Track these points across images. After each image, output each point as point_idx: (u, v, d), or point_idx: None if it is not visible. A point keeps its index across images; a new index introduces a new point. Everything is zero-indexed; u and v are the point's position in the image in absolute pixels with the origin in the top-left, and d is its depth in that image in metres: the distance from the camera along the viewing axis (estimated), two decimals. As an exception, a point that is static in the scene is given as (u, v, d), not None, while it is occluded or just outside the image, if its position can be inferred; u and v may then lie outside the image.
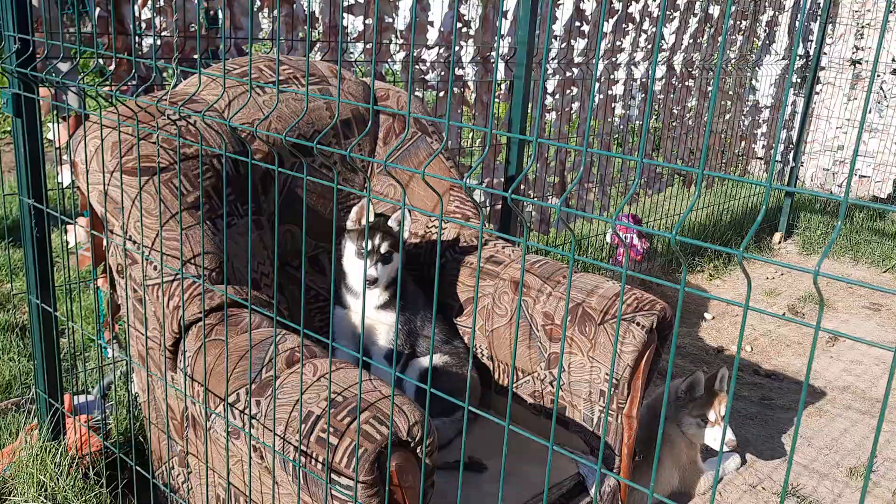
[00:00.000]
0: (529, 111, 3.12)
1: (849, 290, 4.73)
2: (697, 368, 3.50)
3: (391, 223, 2.04)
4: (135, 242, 1.81)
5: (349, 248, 2.04)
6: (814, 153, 5.78)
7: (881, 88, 5.51)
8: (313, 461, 1.44)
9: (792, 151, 5.45)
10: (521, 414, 2.25)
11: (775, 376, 3.52)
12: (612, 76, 3.94)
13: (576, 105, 3.76)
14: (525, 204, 3.70)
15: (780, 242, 5.51)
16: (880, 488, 2.67)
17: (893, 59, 5.54)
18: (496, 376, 2.28)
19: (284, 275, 2.20)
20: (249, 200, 1.33)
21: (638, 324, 2.00)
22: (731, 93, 4.91)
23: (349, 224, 2.07)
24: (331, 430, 1.43)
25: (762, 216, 0.84)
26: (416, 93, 2.99)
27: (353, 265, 2.04)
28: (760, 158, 5.49)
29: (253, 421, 1.56)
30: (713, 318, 4.15)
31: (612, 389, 2.04)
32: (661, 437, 0.98)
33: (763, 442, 2.90)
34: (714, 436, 2.42)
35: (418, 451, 1.48)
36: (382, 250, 2.00)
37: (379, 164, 2.37)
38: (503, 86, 3.35)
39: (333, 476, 1.42)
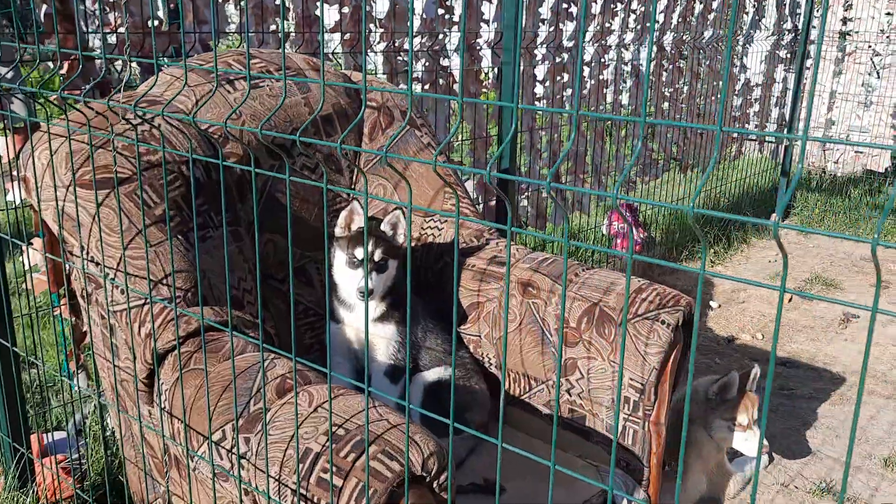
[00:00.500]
0: (520, 100, 2.93)
1: (855, 268, 4.58)
2: (710, 362, 3.33)
3: (384, 227, 1.85)
4: (97, 264, 1.60)
5: (339, 257, 1.85)
6: (808, 130, 5.64)
7: (872, 60, 5.38)
8: (315, 506, 1.25)
9: (785, 129, 5.30)
10: (535, 425, 2.06)
11: (791, 363, 3.35)
12: (602, 60, 3.76)
13: (568, 92, 3.58)
14: (518, 199, 3.52)
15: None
16: (918, 479, 2.51)
17: (882, 31, 5.41)
18: (507, 386, 2.09)
19: (269, 289, 1.99)
20: (223, 209, 1.13)
21: (663, 322, 1.81)
22: (721, 72, 4.74)
23: (337, 231, 1.87)
24: (333, 469, 1.23)
25: (798, 175, 0.68)
26: (401, 85, 2.80)
27: (345, 276, 1.85)
28: (753, 139, 5.34)
29: (242, 461, 1.36)
30: (719, 305, 3.99)
31: (638, 395, 1.85)
32: (684, 439, 0.79)
33: (789, 436, 2.74)
34: (745, 439, 2.23)
35: (435, 486, 1.29)
36: (376, 258, 1.81)
37: (367, 163, 2.18)
38: (490, 74, 3.17)
39: (339, 523, 1.22)
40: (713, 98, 4.80)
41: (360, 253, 1.81)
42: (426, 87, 2.87)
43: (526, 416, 2.07)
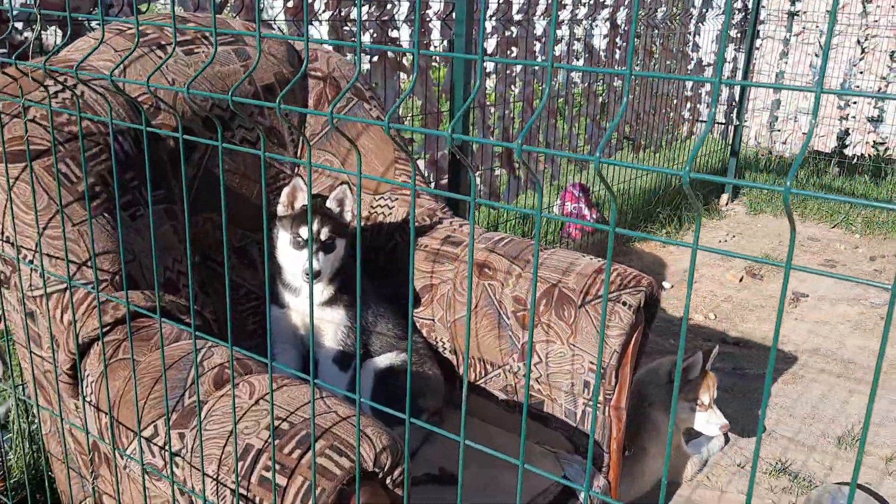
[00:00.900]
0: (473, 74, 2.83)
1: (803, 247, 4.62)
2: (664, 343, 3.30)
3: (330, 204, 1.73)
4: (13, 244, 1.45)
5: (283, 237, 1.72)
6: (756, 111, 5.67)
7: (819, 41, 5.42)
8: (256, 508, 1.14)
9: (735, 110, 5.31)
10: (492, 411, 1.98)
11: (744, 343, 3.35)
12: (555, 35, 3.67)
13: (518, 68, 3.49)
14: (470, 175, 3.42)
15: (727, 204, 5.39)
16: (871, 457, 2.51)
17: (828, 12, 5.44)
18: (462, 371, 2.00)
19: (208, 271, 1.86)
20: (149, 182, 1.00)
21: (624, 303, 1.74)
22: (674, 51, 4.71)
23: (280, 209, 1.74)
24: (277, 467, 1.12)
25: (809, 137, 0.60)
26: (347, 56, 2.67)
27: (289, 257, 1.73)
28: (704, 121, 5.34)
29: (177, 459, 1.25)
30: (672, 286, 3.97)
31: (599, 379, 1.78)
32: (672, 424, 0.72)
33: (744, 416, 2.72)
34: (705, 420, 2.21)
35: (388, 482, 1.19)
36: (322, 237, 1.69)
37: (312, 136, 2.05)
38: (441, 46, 3.05)
39: (284, 526, 1.12)
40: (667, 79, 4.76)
41: (304, 232, 1.69)
42: (374, 59, 2.74)
43: (482, 401, 1.99)
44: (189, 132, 1.76)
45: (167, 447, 1.24)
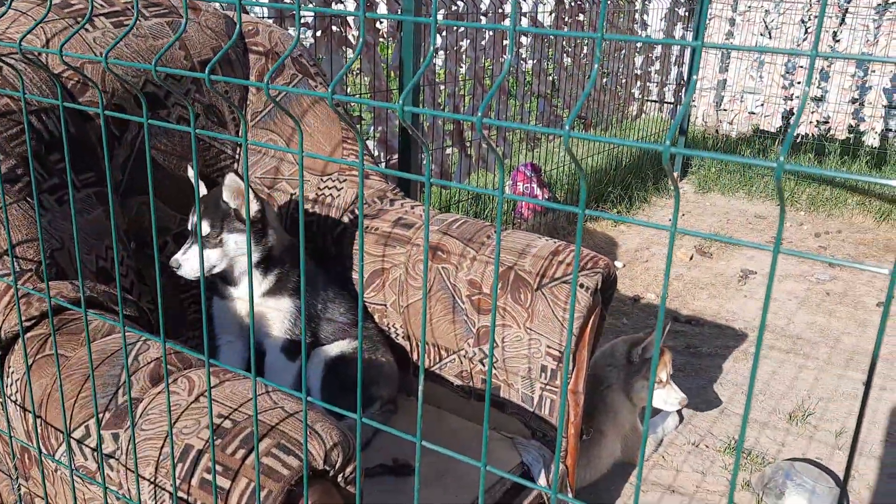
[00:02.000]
0: (424, 50, 2.74)
1: (750, 225, 4.68)
2: (617, 322, 3.29)
3: (224, 196, 1.60)
4: (-76, 233, 1.34)
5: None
6: (703, 91, 5.70)
7: (764, 21, 5.46)
8: (198, 512, 1.06)
9: (684, 88, 5.33)
10: (447, 398, 1.92)
11: (695, 321, 3.36)
12: (499, 9, 3.60)
13: (466, 42, 3.42)
14: (421, 156, 3.35)
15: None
16: (822, 432, 2.54)
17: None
18: (415, 357, 1.94)
19: (145, 259, 1.76)
20: (67, 162, 0.91)
21: (581, 286, 1.70)
22: (624, 28, 4.69)
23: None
24: (219, 469, 1.05)
25: (798, 116, 0.55)
26: (290, 29, 2.56)
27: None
28: (654, 101, 5.35)
29: (111, 461, 1.16)
30: (624, 265, 3.97)
31: (556, 363, 1.74)
32: (651, 402, 0.67)
33: (697, 394, 2.72)
34: (664, 397, 2.20)
35: (340, 479, 1.13)
36: (205, 232, 1.59)
37: (255, 115, 1.95)
38: (387, 23, 2.96)
39: (228, 531, 1.04)
40: (615, 54, 4.74)
41: (190, 224, 1.65)
42: (318, 33, 2.64)
43: (437, 388, 1.93)
44: (120, 110, 1.65)
45: (99, 449, 1.15)
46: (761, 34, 5.50)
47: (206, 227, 1.58)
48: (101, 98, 0.87)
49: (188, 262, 1.57)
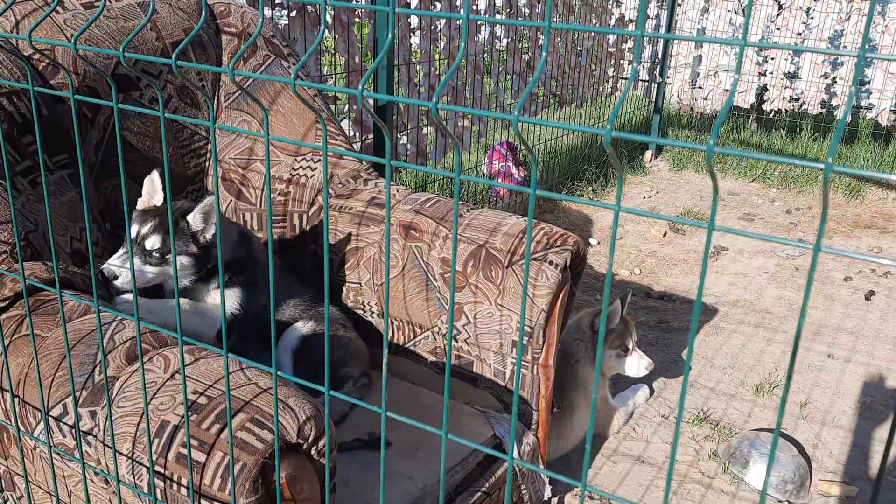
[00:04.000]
0: (396, 32, 2.75)
1: (723, 202, 4.74)
2: (591, 298, 3.34)
3: (195, 218, 1.55)
4: None
5: None
6: (679, 67, 5.74)
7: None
8: (175, 485, 1.10)
9: (658, 67, 5.37)
10: (421, 374, 1.97)
11: (668, 297, 3.42)
12: (479, -10, 3.61)
13: (442, 23, 3.42)
14: (397, 136, 3.36)
15: (651, 160, 5.47)
16: (788, 403, 2.61)
17: (747, -31, 5.52)
18: (391, 334, 1.98)
19: (119, 241, 1.77)
20: (39, 144, 0.92)
21: (551, 262, 1.74)
22: (596, 5, 4.71)
23: (140, 201, 1.60)
24: (194, 443, 1.08)
25: (732, 94, 0.58)
26: (264, 10, 2.55)
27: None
28: (626, 79, 5.37)
29: (89, 438, 1.19)
30: (598, 242, 4.02)
31: (526, 339, 1.78)
32: (596, 383, 0.72)
33: (667, 368, 2.79)
34: (632, 364, 2.28)
35: (313, 452, 1.17)
36: (148, 246, 1.54)
37: (228, 96, 1.96)
38: (363, 1, 2.96)
39: (204, 503, 1.08)
40: (590, 34, 4.76)
41: (133, 230, 1.55)
42: (292, 13, 2.64)
43: (411, 364, 1.97)
44: (93, 92, 1.66)
45: (77, 426, 1.18)
46: (735, 12, 5.54)
47: (157, 242, 1.53)
48: (70, 82, 0.89)
49: (125, 275, 1.49)
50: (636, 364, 2.30)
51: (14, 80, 1.50)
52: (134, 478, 1.13)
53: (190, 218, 1.56)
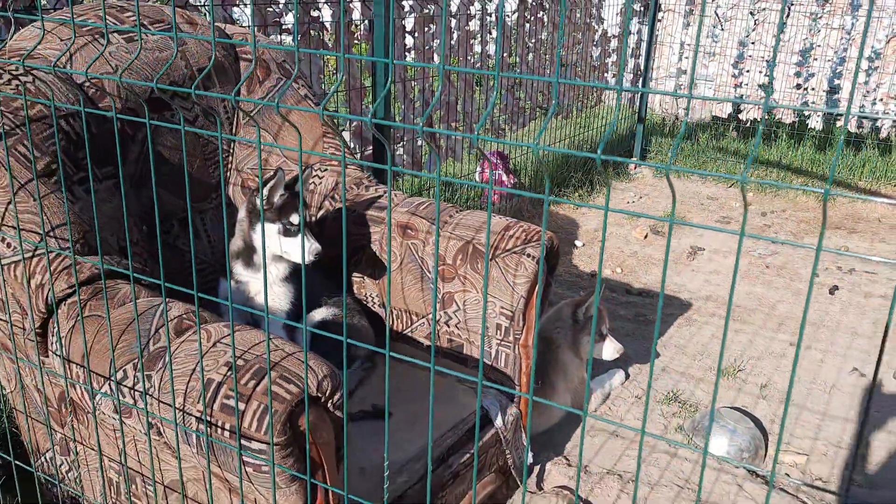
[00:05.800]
0: (393, 51, 3.04)
1: (702, 206, 5.03)
2: (575, 294, 3.62)
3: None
4: (-19, 219, 1.62)
5: (269, 227, 1.91)
6: (660, 79, 6.04)
7: (716, 13, 5.80)
8: (219, 430, 1.37)
9: (641, 78, 5.66)
10: (418, 356, 2.24)
11: (646, 293, 3.70)
12: (468, 11, 3.90)
13: (436, 43, 3.71)
14: (394, 147, 3.65)
15: (635, 168, 5.76)
16: (749, 384, 2.89)
17: (724, -15, 5.83)
18: (391, 322, 2.25)
19: (154, 242, 2.04)
20: (89, 158, 1.20)
21: (529, 255, 2.02)
22: (580, 23, 5.00)
23: (258, 202, 1.91)
24: (237, 395, 1.35)
25: (687, 114, 0.84)
26: (272, 37, 2.84)
27: (285, 244, 1.92)
28: (611, 88, 5.66)
29: (147, 397, 1.46)
30: (583, 244, 4.30)
31: (508, 322, 2.06)
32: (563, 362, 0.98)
33: (643, 356, 3.06)
34: (606, 349, 2.56)
35: (329, 405, 1.44)
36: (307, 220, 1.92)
37: (245, 115, 2.24)
38: (362, 26, 3.25)
39: (244, 442, 1.35)
40: (575, 49, 5.06)
41: (296, 219, 1.90)
42: (299, 38, 2.92)
43: (409, 348, 2.24)
44: (134, 112, 1.94)
45: (138, 386, 1.45)
46: (714, 26, 5.84)
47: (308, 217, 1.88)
48: (113, 105, 1.16)
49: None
50: (610, 348, 2.58)
51: (70, 104, 1.78)
52: (185, 425, 1.40)
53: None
